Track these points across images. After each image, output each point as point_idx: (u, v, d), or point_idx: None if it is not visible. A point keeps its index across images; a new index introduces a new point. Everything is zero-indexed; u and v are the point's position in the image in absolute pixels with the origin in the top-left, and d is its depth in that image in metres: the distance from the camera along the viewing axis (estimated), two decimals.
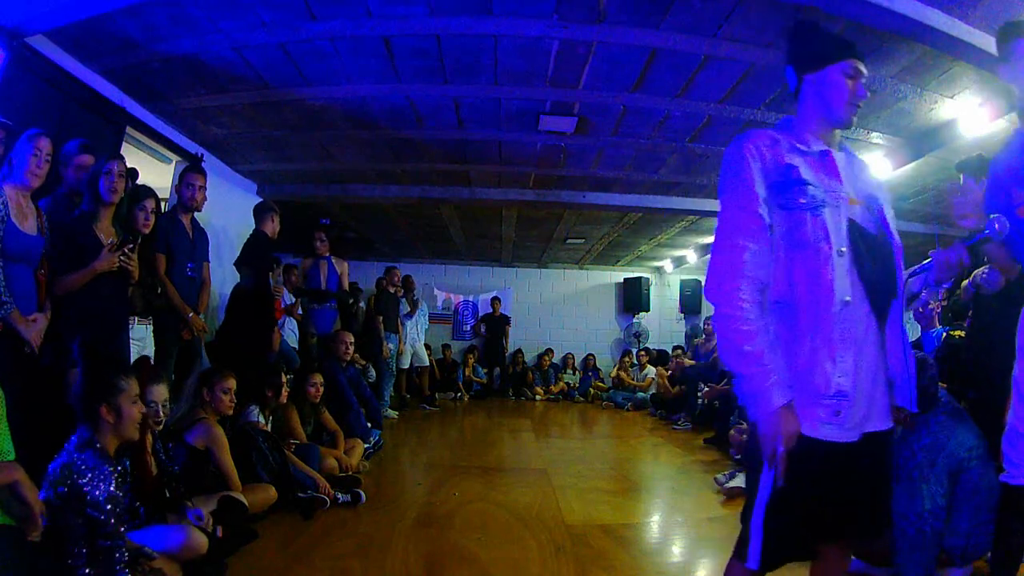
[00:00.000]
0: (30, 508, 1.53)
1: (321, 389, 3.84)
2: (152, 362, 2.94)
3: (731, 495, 3.46)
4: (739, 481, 3.54)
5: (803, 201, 1.25)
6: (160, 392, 2.31)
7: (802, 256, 1.24)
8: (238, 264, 3.95)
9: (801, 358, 1.23)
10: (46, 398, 2.19)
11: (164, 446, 2.38)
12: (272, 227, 4.09)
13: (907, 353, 1.32)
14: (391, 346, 6.30)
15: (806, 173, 1.28)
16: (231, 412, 2.87)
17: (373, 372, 5.96)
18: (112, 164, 2.50)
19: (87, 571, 1.59)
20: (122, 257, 2.49)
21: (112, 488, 1.66)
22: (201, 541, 2.03)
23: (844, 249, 1.24)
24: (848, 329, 1.22)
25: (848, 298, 1.22)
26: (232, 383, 2.84)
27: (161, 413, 2.31)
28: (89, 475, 1.63)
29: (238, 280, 4.04)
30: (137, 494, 2.06)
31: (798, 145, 1.32)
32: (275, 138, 4.50)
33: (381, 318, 6.22)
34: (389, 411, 6.18)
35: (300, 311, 5.51)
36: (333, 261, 5.18)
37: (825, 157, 1.32)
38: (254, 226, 4.10)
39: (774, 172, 1.28)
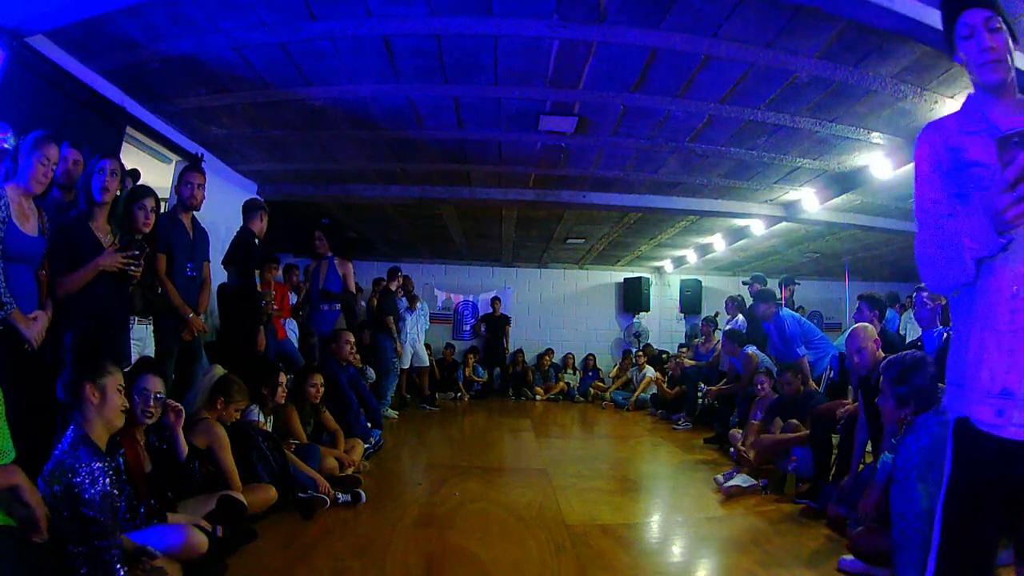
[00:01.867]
0: (32, 511, 1.53)
1: (321, 390, 3.84)
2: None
3: (730, 495, 3.46)
4: (738, 481, 3.54)
5: (973, 186, 1.16)
6: (154, 383, 2.27)
7: None
8: (225, 262, 3.93)
9: (971, 352, 1.18)
10: (46, 397, 2.19)
11: (161, 441, 2.38)
12: (260, 226, 4.04)
13: None
14: (391, 345, 6.35)
15: (976, 153, 1.18)
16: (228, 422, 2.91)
17: (372, 372, 5.96)
18: (105, 162, 2.49)
19: (85, 571, 1.59)
20: (132, 266, 2.49)
21: (107, 486, 1.66)
22: (201, 541, 2.03)
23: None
24: (1018, 320, 1.13)
25: (1016, 288, 1.13)
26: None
27: (152, 403, 2.24)
28: (83, 473, 1.63)
29: (225, 279, 4.02)
30: (135, 492, 2.07)
31: (967, 126, 1.23)
32: (275, 138, 4.50)
33: (391, 318, 6.27)
34: (389, 411, 6.19)
35: (300, 312, 5.52)
36: (336, 262, 5.16)
37: (993, 132, 1.17)
38: (242, 222, 4.07)
39: (945, 161, 1.22)
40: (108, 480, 1.69)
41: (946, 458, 1.21)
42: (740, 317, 6.67)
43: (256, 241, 4.03)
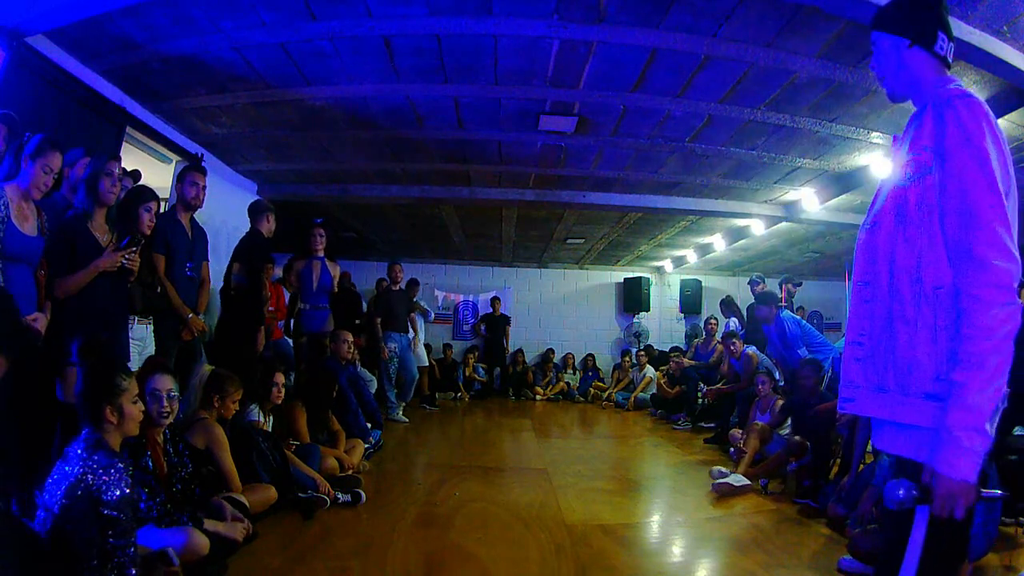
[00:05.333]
0: None
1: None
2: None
3: (721, 492, 3.48)
4: (731, 479, 3.54)
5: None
6: (164, 382, 2.28)
7: None
8: (232, 262, 3.93)
9: None
10: (45, 397, 2.19)
11: (175, 447, 2.38)
12: (268, 227, 4.08)
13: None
14: (393, 346, 6.11)
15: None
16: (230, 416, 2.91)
17: (375, 381, 5.90)
18: (113, 165, 2.52)
19: (95, 563, 1.59)
20: (126, 257, 2.50)
21: (127, 488, 1.67)
22: (202, 543, 2.03)
23: (867, 225, 1.23)
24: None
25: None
26: (241, 393, 2.90)
27: (165, 403, 2.25)
28: (104, 477, 1.63)
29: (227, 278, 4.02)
30: (148, 491, 2.08)
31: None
32: (275, 138, 4.50)
33: (380, 319, 6.10)
34: (400, 415, 6.01)
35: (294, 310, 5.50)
36: (327, 263, 5.12)
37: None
38: (250, 224, 4.09)
39: None
40: (127, 481, 1.69)
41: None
42: (733, 320, 6.68)
43: (266, 242, 4.06)
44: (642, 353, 8.57)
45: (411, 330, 6.58)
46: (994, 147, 1.03)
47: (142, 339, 2.91)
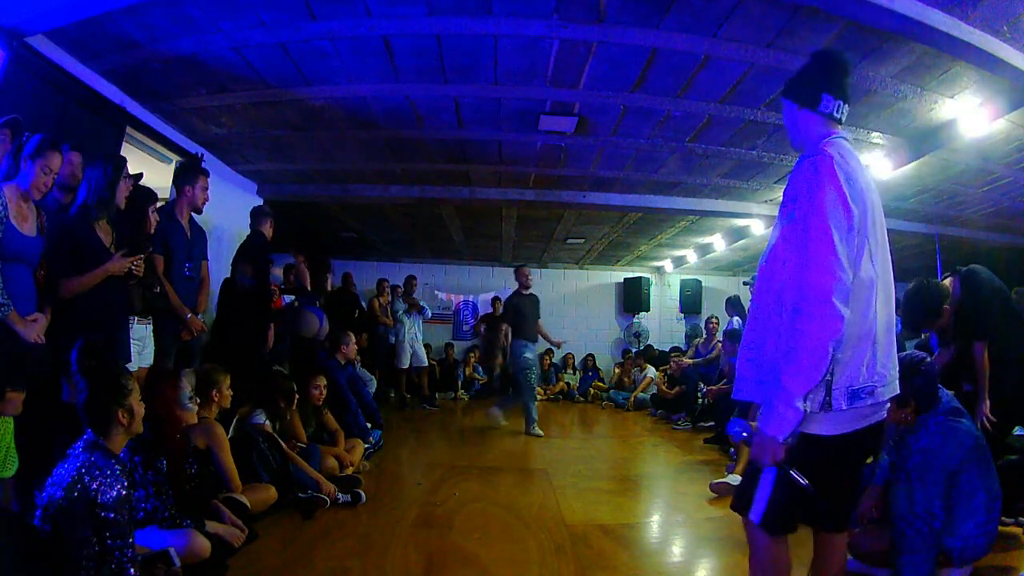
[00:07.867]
0: None
1: (324, 391, 3.85)
2: (152, 361, 2.95)
3: (719, 492, 3.48)
4: (729, 479, 3.54)
5: None
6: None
7: None
8: (236, 262, 3.94)
9: None
10: (46, 398, 2.19)
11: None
12: (269, 231, 4.16)
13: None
14: (529, 356, 5.86)
15: None
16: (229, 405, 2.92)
17: (374, 381, 5.90)
18: (128, 173, 2.55)
19: (91, 564, 1.59)
20: (134, 263, 2.52)
21: (123, 489, 1.67)
22: (204, 545, 2.03)
23: (762, 259, 1.60)
24: None
25: None
26: (229, 378, 2.90)
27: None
28: (100, 478, 1.63)
29: (227, 278, 4.05)
30: (156, 489, 2.08)
31: None
32: (275, 138, 4.50)
33: (505, 326, 5.81)
34: (536, 429, 5.62)
35: None
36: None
37: None
38: (251, 227, 4.13)
39: None
40: (125, 482, 1.69)
41: None
42: (736, 319, 6.67)
43: (269, 244, 4.14)
44: (639, 359, 8.52)
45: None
46: (835, 194, 1.33)
47: (142, 339, 2.91)
